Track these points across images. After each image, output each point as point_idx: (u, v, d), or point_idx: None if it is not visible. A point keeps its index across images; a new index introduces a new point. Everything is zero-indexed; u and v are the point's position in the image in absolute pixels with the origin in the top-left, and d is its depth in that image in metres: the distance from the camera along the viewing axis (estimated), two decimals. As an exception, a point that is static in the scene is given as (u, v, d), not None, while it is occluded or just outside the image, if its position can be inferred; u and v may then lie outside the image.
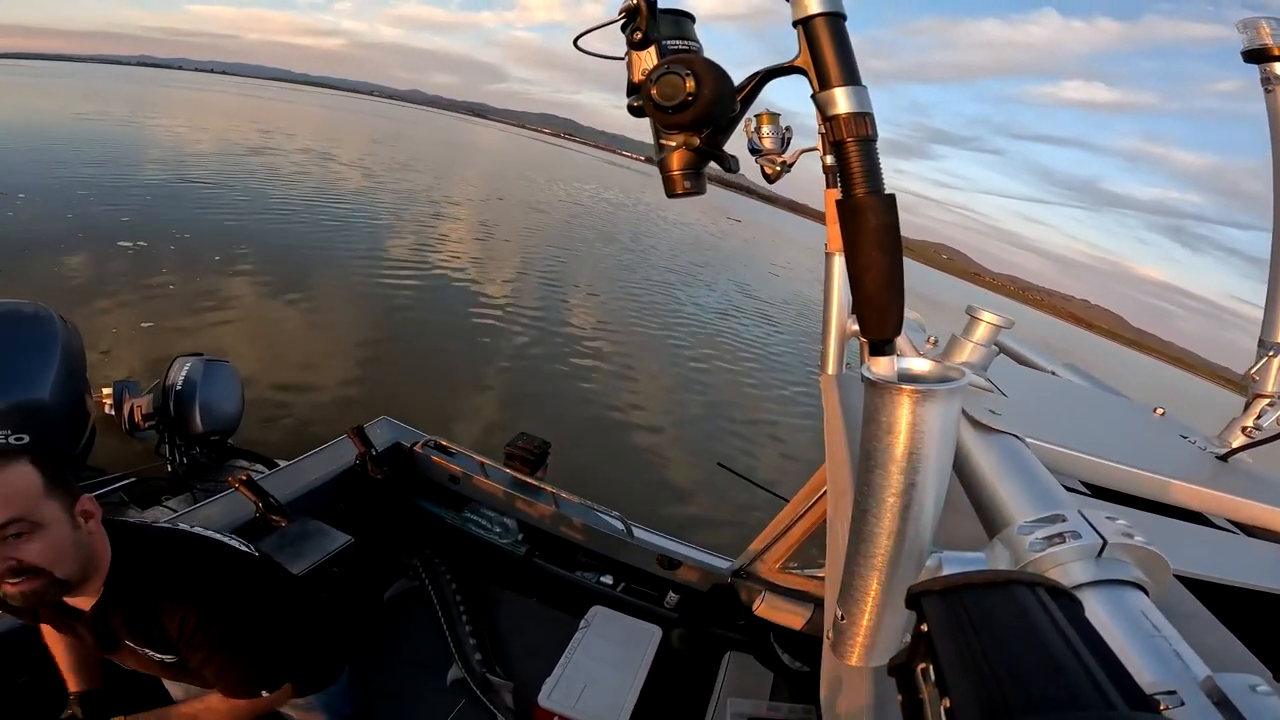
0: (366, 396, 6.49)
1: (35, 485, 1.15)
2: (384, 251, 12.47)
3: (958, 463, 0.76)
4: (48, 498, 1.17)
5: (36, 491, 1.15)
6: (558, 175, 49.79)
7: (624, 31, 0.67)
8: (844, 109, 0.55)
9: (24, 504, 1.12)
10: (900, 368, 0.52)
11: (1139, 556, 0.48)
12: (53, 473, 1.21)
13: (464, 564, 3.01)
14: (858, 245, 0.56)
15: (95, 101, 30.66)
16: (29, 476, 1.16)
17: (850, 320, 1.32)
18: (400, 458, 3.05)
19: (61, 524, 1.17)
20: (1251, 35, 1.16)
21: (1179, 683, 0.39)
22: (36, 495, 1.15)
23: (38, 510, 1.14)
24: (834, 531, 0.85)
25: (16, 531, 1.11)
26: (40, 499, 1.15)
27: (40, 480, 1.17)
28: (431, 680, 2.55)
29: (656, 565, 2.91)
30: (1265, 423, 1.19)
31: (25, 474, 1.15)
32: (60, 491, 1.20)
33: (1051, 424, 1.05)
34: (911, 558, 0.51)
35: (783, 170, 1.02)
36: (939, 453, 0.48)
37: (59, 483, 1.21)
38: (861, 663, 0.55)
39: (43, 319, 2.61)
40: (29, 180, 11.83)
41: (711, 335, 12.84)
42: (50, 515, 1.16)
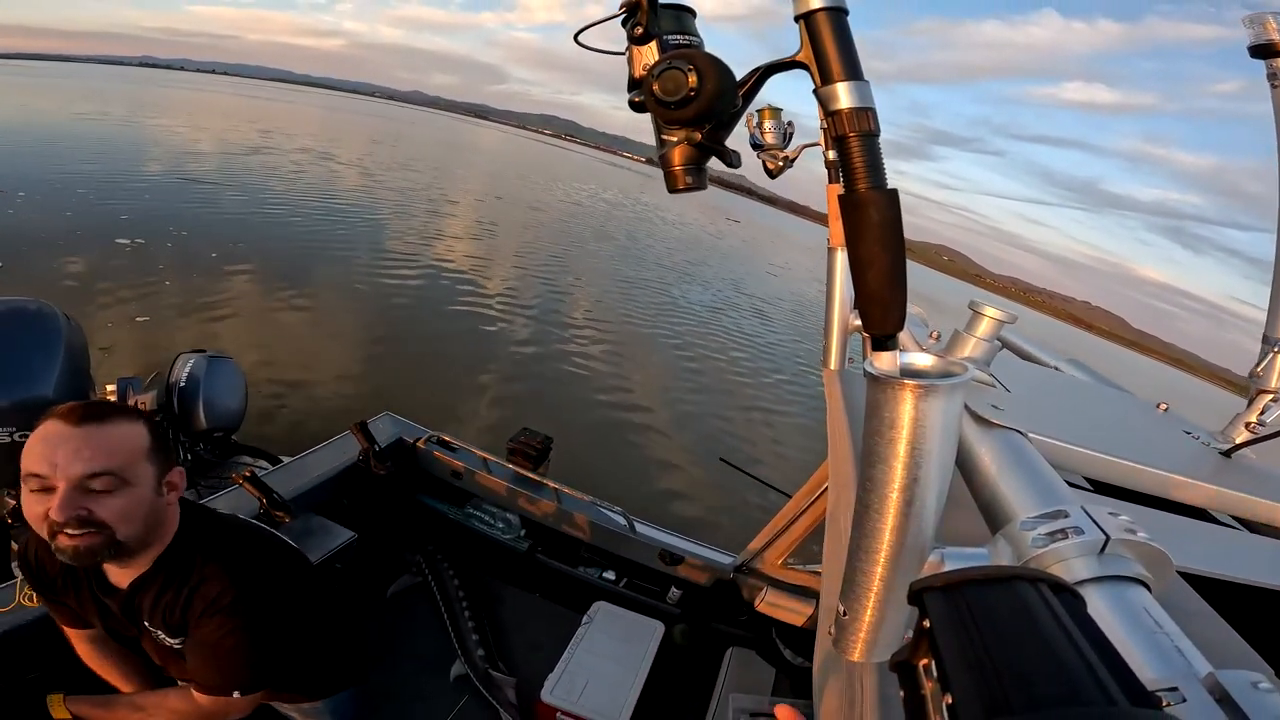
0: (369, 392, 6.51)
1: (140, 445, 1.15)
2: (386, 249, 12.50)
3: (960, 458, 0.76)
4: (146, 460, 1.16)
5: (139, 451, 1.15)
6: (559, 176, 49.85)
7: (625, 27, 0.67)
8: (846, 104, 0.55)
9: (122, 459, 1.11)
10: (903, 363, 0.51)
11: (1142, 552, 0.48)
12: (161, 439, 1.20)
13: (467, 560, 3.02)
14: (860, 240, 0.56)
15: (97, 102, 30.82)
16: (138, 435, 1.15)
17: (853, 315, 1.32)
18: (403, 453, 3.05)
19: (147, 488, 1.16)
20: (1258, 30, 1.16)
21: (1181, 679, 0.39)
22: (137, 454, 1.14)
23: (132, 469, 1.13)
24: (836, 527, 0.85)
25: (103, 486, 1.09)
26: (139, 459, 1.14)
27: (147, 442, 1.17)
28: (434, 676, 2.56)
29: (659, 561, 2.91)
30: (1269, 418, 1.18)
31: (136, 432, 1.15)
32: (159, 457, 1.19)
33: (1054, 419, 1.05)
34: (914, 553, 0.51)
35: (785, 165, 1.02)
36: (941, 448, 0.48)
37: (161, 449, 1.20)
38: (863, 658, 0.55)
39: (46, 316, 2.61)
40: (29, 179, 11.88)
41: (712, 332, 12.85)
42: (141, 476, 1.14)
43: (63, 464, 1.06)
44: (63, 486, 1.06)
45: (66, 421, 1.09)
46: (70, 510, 1.06)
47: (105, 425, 1.11)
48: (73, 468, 1.06)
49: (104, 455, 1.09)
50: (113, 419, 1.14)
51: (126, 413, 1.17)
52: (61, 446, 1.07)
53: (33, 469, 1.07)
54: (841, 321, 1.33)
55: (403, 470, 3.01)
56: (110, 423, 1.12)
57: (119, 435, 1.12)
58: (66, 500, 1.06)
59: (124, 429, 1.14)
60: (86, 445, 1.08)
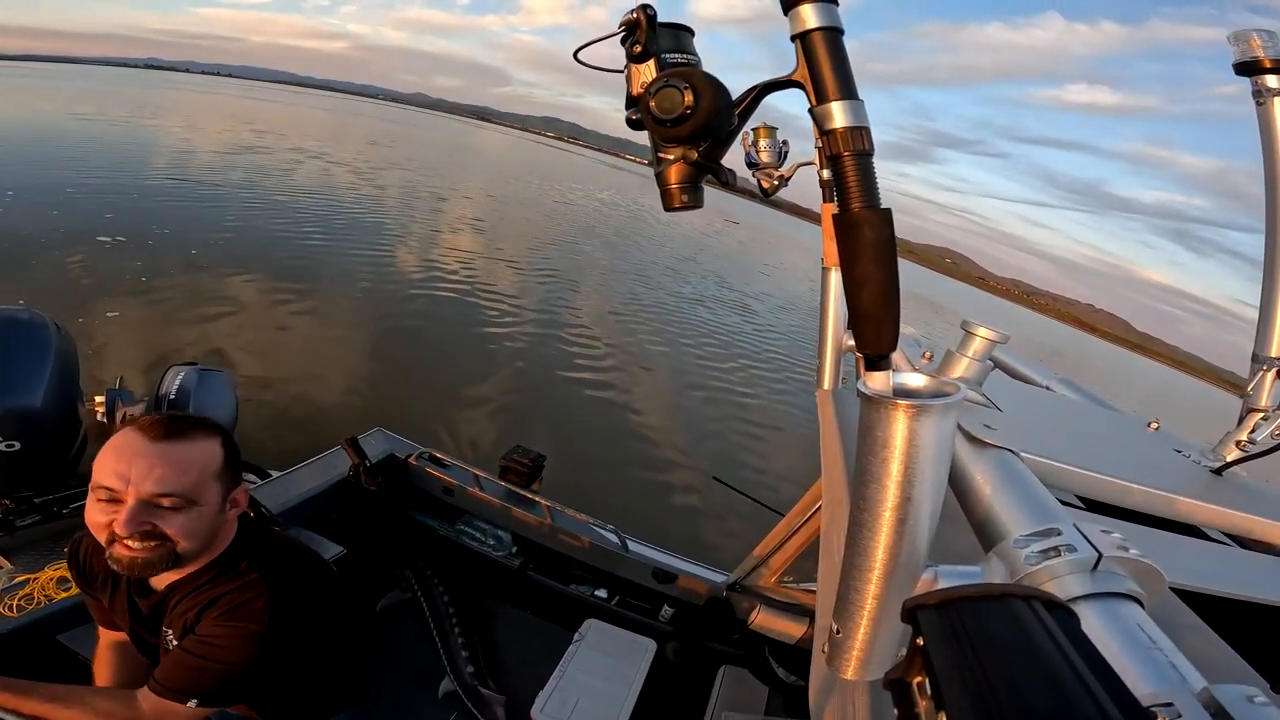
0: (360, 408, 6.48)
1: (214, 465, 1.14)
2: (379, 260, 12.49)
3: (953, 477, 0.77)
4: (216, 479, 1.15)
5: (211, 471, 1.13)
6: (560, 178, 50.10)
7: (623, 45, 0.67)
8: (840, 123, 0.56)
9: (193, 479, 1.10)
10: (896, 383, 0.52)
11: (1134, 569, 0.49)
12: (233, 457, 1.20)
13: (457, 576, 3.00)
14: (854, 260, 0.56)
15: (98, 103, 30.76)
16: (213, 454, 1.15)
17: (846, 335, 1.33)
18: (394, 469, 3.04)
19: (212, 506, 1.14)
20: (1243, 48, 1.18)
21: (1175, 694, 0.39)
22: (209, 474, 1.13)
23: (201, 489, 1.11)
24: (829, 545, 0.85)
25: (171, 504, 1.08)
26: (209, 479, 1.13)
27: (220, 461, 1.16)
28: (423, 693, 2.53)
29: (651, 578, 2.90)
30: (1259, 436, 1.19)
31: (210, 451, 1.14)
32: (229, 475, 1.18)
33: (1046, 438, 1.06)
34: (907, 571, 0.51)
35: (780, 184, 1.02)
36: (934, 467, 0.49)
37: (232, 467, 1.19)
38: (857, 676, 0.55)
39: (36, 325, 2.60)
40: (20, 179, 11.94)
41: (708, 348, 12.84)
42: (208, 495, 1.13)
43: (135, 479, 1.06)
44: (131, 501, 1.06)
45: (146, 436, 1.08)
46: (135, 525, 1.06)
47: (183, 443, 1.11)
48: (144, 485, 1.06)
49: (177, 475, 1.08)
50: (191, 436, 1.13)
51: (205, 429, 1.16)
52: (136, 461, 1.06)
53: (103, 481, 1.07)
54: (835, 341, 1.34)
55: (394, 486, 3.00)
56: (188, 440, 1.12)
57: (194, 454, 1.12)
58: (133, 515, 1.05)
59: (200, 448, 1.13)
60: (161, 463, 1.07)
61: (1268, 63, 1.16)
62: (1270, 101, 1.18)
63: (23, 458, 2.41)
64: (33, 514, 2.58)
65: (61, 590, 1.94)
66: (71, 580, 1.37)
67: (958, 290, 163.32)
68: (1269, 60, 1.16)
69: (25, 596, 1.90)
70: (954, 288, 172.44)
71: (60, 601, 1.90)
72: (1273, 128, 1.20)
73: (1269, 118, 1.19)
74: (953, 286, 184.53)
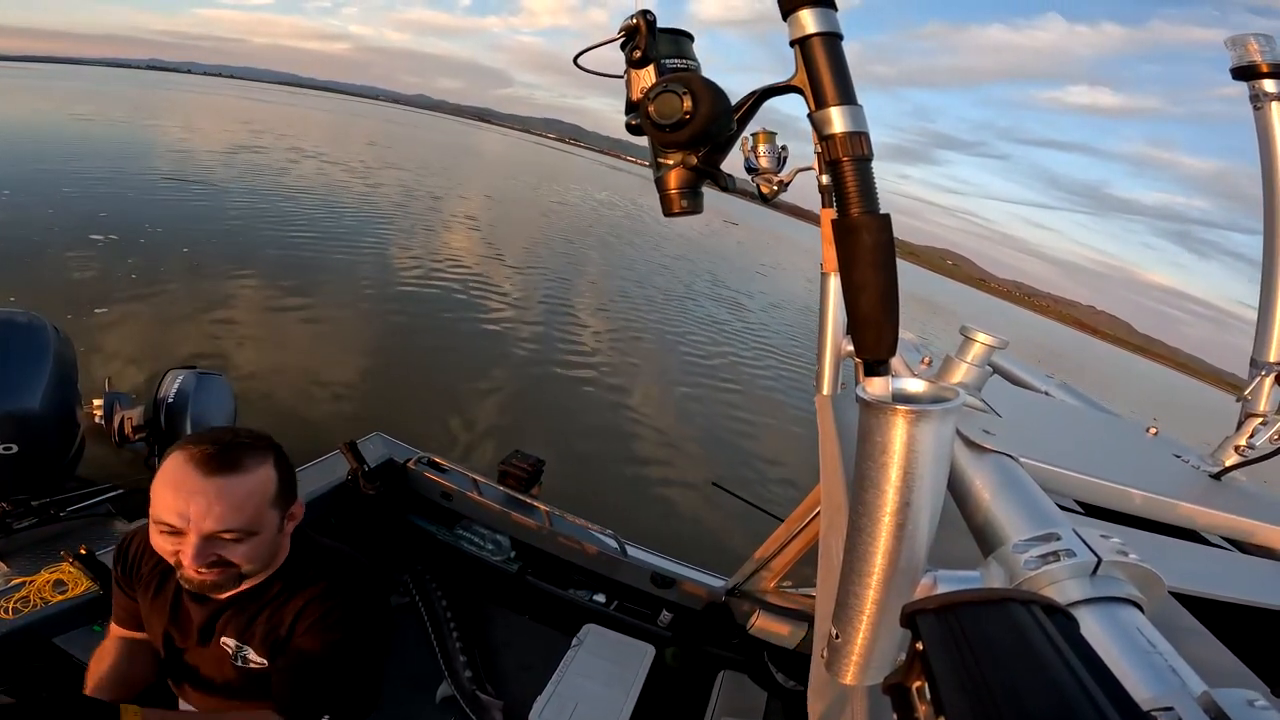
0: (359, 412, 6.47)
1: (270, 492, 1.13)
2: (378, 264, 12.48)
3: (952, 482, 0.77)
4: (273, 506, 1.14)
5: (268, 499, 1.13)
6: (560, 179, 50.15)
7: (623, 50, 0.68)
8: (839, 128, 0.56)
9: (253, 513, 1.10)
10: (895, 388, 0.52)
11: (1134, 573, 0.49)
12: (287, 478, 1.19)
13: (456, 581, 3.00)
14: (853, 265, 0.56)
15: (97, 103, 30.77)
16: (268, 482, 1.13)
17: (845, 341, 1.33)
18: (393, 474, 3.04)
19: (271, 530, 1.15)
20: (1240, 52, 1.18)
21: (1176, 698, 0.39)
22: (266, 503, 1.12)
23: (261, 519, 1.12)
24: (828, 550, 0.85)
25: (234, 538, 1.09)
26: (267, 507, 1.13)
27: (275, 488, 1.15)
28: (421, 697, 2.53)
29: (650, 583, 2.89)
30: (1258, 441, 1.19)
31: (266, 479, 1.13)
32: (285, 498, 1.18)
33: (1045, 443, 1.06)
34: (906, 576, 0.51)
35: (779, 189, 1.03)
36: (933, 472, 0.49)
37: (287, 490, 1.19)
38: (856, 681, 0.55)
39: (35, 328, 2.60)
40: (14, 178, 11.98)
41: (707, 353, 12.85)
42: (268, 522, 1.14)
43: (195, 519, 1.05)
44: (194, 538, 1.06)
45: (200, 470, 1.06)
46: (202, 560, 1.07)
47: (239, 476, 1.09)
48: (204, 523, 1.06)
49: (236, 512, 1.08)
50: (246, 467, 1.10)
51: (258, 453, 1.13)
52: (193, 500, 1.05)
53: (163, 518, 1.06)
54: (834, 346, 1.34)
55: (392, 490, 3.00)
56: (243, 472, 1.09)
57: (251, 485, 1.10)
58: (199, 551, 1.06)
59: (256, 477, 1.11)
60: (219, 501, 1.06)
61: (1265, 67, 1.16)
62: (1268, 106, 1.18)
63: (20, 460, 2.41)
64: (29, 517, 2.58)
65: (57, 593, 1.93)
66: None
67: (958, 292, 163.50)
68: (1266, 65, 1.16)
69: (21, 599, 1.89)
70: (954, 289, 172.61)
71: (56, 604, 1.90)
72: (1270, 132, 1.20)
73: (1266, 122, 1.20)
74: (953, 288, 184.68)
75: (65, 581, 1.97)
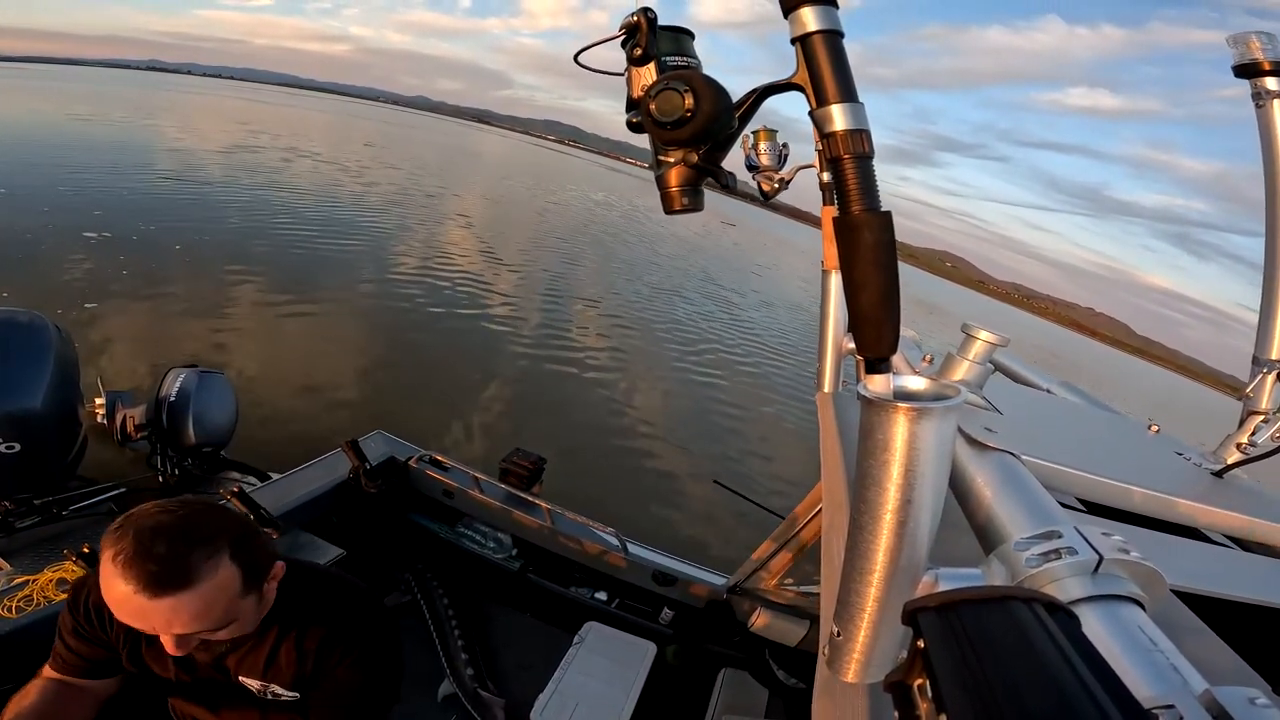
0: (360, 410, 6.48)
1: (234, 589, 1.02)
2: (380, 263, 12.49)
3: (954, 480, 0.77)
4: (243, 596, 1.05)
5: (234, 594, 1.03)
6: (560, 181, 50.14)
7: (624, 48, 0.68)
8: (841, 126, 0.56)
9: (221, 614, 1.02)
10: (896, 385, 0.52)
11: (1135, 572, 0.48)
12: (250, 558, 1.06)
13: (457, 579, 3.00)
14: (854, 263, 0.56)
15: (96, 104, 30.79)
16: (229, 583, 1.01)
17: (846, 338, 1.33)
18: (394, 472, 3.04)
19: (251, 610, 1.09)
20: (1242, 50, 1.18)
21: (1177, 697, 0.39)
22: (234, 598, 1.03)
23: (234, 610, 1.04)
24: (829, 548, 0.85)
25: (212, 631, 1.03)
26: (237, 600, 1.03)
27: (239, 581, 1.03)
28: (423, 696, 2.53)
29: (651, 581, 2.89)
30: (1260, 439, 1.19)
31: (225, 581, 1.01)
32: (255, 580, 1.08)
33: (1047, 441, 1.06)
34: (908, 574, 0.51)
35: (780, 187, 1.02)
36: (935, 470, 0.48)
37: (253, 570, 1.07)
38: (858, 679, 0.55)
39: (36, 327, 2.61)
40: (11, 177, 12.04)
41: (708, 351, 12.85)
42: (245, 608, 1.06)
43: (160, 627, 0.98)
44: (167, 638, 1.00)
45: (145, 594, 0.94)
46: (185, 649, 1.03)
47: (192, 590, 0.96)
48: (173, 629, 0.99)
49: (201, 619, 0.99)
50: (197, 579, 0.97)
51: (209, 553, 0.99)
52: (149, 619, 0.97)
53: (128, 621, 0.98)
54: (835, 344, 1.34)
55: (394, 488, 3.00)
56: (196, 585, 0.97)
57: (210, 596, 0.99)
58: (179, 644, 1.02)
59: (212, 586, 0.99)
60: (178, 617, 0.97)
61: (1267, 65, 1.16)
62: (1270, 104, 1.18)
63: (22, 459, 2.42)
64: (32, 515, 2.59)
65: (61, 592, 1.94)
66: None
67: (957, 294, 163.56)
68: (1268, 63, 1.16)
69: (24, 598, 1.90)
70: (953, 291, 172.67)
71: (59, 603, 1.90)
72: (1272, 130, 1.20)
73: (1268, 120, 1.19)
74: (952, 290, 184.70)
75: (68, 580, 1.97)
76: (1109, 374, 63.81)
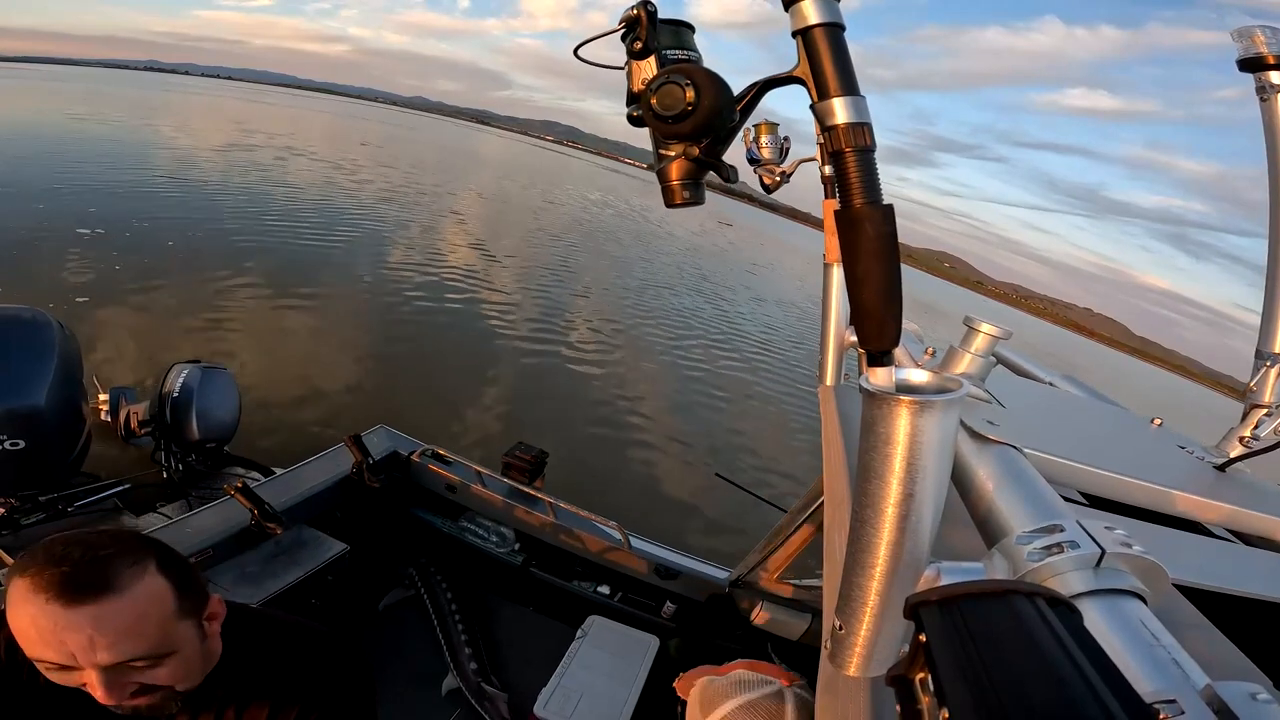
0: (363, 405, 6.49)
1: (168, 607, 0.89)
2: (382, 260, 12.51)
3: (956, 473, 0.76)
4: (180, 617, 0.91)
5: (169, 613, 0.89)
6: (558, 181, 50.13)
7: (624, 41, 0.67)
8: (842, 119, 0.55)
9: (156, 634, 0.87)
10: (898, 379, 0.52)
11: (1137, 566, 0.48)
12: (182, 576, 0.93)
13: (460, 573, 3.01)
14: (856, 256, 0.56)
15: (94, 104, 30.78)
16: (161, 595, 0.88)
17: (848, 331, 1.33)
18: (397, 466, 3.05)
19: (192, 644, 0.93)
20: (1246, 44, 1.17)
21: (1178, 691, 0.39)
22: (169, 617, 0.89)
23: (171, 638, 0.89)
24: (831, 542, 0.85)
25: (144, 664, 0.87)
26: (173, 621, 0.89)
27: (173, 598, 0.90)
28: (427, 690, 2.54)
29: (654, 575, 2.90)
30: (1262, 433, 1.19)
31: (155, 594, 0.87)
32: (191, 603, 0.94)
33: (1049, 435, 1.05)
34: (910, 568, 0.51)
35: (781, 180, 1.02)
36: (937, 463, 0.48)
37: (189, 591, 0.94)
38: (860, 673, 0.55)
39: (40, 324, 2.61)
40: (18, 175, 12.14)
41: (710, 347, 12.85)
42: (183, 637, 0.91)
43: (81, 654, 0.81)
44: (95, 675, 0.83)
45: (57, 601, 0.79)
46: (121, 693, 0.86)
47: (115, 597, 0.82)
48: (98, 657, 0.82)
49: (133, 640, 0.84)
50: (119, 584, 0.83)
51: (130, 562, 0.86)
52: (66, 637, 0.80)
53: (43, 657, 0.82)
54: (837, 337, 1.34)
55: (396, 483, 3.00)
56: (119, 592, 0.83)
57: (139, 608, 0.84)
58: (110, 686, 0.84)
59: (140, 595, 0.85)
60: (100, 633, 0.81)
61: (1271, 59, 1.15)
62: (1274, 97, 1.17)
63: (27, 456, 2.43)
64: (37, 512, 2.60)
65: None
66: None
67: (956, 294, 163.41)
68: (1273, 56, 1.15)
69: (30, 594, 1.90)
70: (952, 292, 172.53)
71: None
72: (1276, 123, 1.19)
73: (1273, 113, 1.19)
74: (951, 290, 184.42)
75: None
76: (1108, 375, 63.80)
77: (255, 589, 2.20)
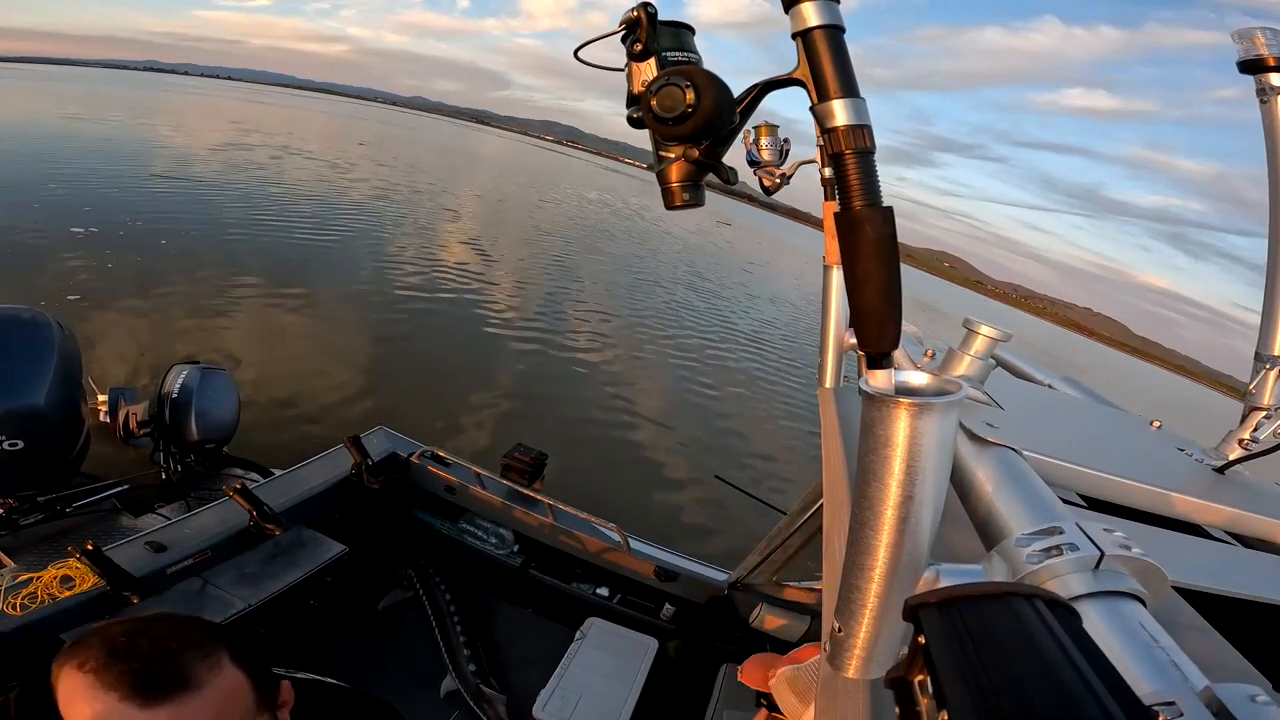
0: (362, 406, 6.49)
1: (247, 700, 0.81)
2: (382, 261, 12.50)
3: (955, 475, 0.76)
4: (258, 712, 0.82)
5: (248, 708, 0.81)
6: (557, 180, 50.17)
7: (624, 43, 0.67)
8: (842, 121, 0.55)
9: None
10: (898, 381, 0.52)
11: (1136, 568, 0.48)
12: (255, 669, 0.84)
13: (459, 575, 3.00)
14: (855, 258, 0.56)
15: (93, 104, 30.78)
16: (239, 690, 0.80)
17: (848, 333, 1.33)
18: (396, 468, 3.04)
19: None
20: (1247, 45, 1.17)
21: (1177, 693, 0.39)
22: (249, 713, 0.81)
23: None
24: (831, 544, 0.85)
25: None
26: (252, 716, 0.81)
27: (250, 690, 0.81)
28: (425, 691, 2.54)
29: (653, 577, 2.90)
30: (1261, 435, 1.19)
31: (234, 687, 0.79)
32: (268, 695, 0.85)
33: (1048, 437, 1.05)
34: (909, 570, 0.51)
35: (781, 182, 1.02)
36: (936, 465, 0.48)
37: (265, 682, 0.85)
38: (859, 675, 0.55)
39: (40, 325, 2.61)
40: (16, 175, 12.16)
41: (710, 348, 12.84)
42: None
43: None
44: None
45: (130, 702, 0.70)
46: None
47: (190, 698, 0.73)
48: None
49: None
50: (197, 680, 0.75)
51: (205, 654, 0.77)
52: None
53: None
54: (836, 339, 1.33)
55: (395, 485, 3.00)
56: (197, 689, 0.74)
57: (216, 707, 0.76)
58: None
59: (216, 693, 0.76)
60: None
61: (1272, 60, 1.15)
62: (1274, 99, 1.17)
63: (27, 457, 2.42)
64: (36, 513, 2.59)
65: (65, 589, 1.94)
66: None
67: (955, 294, 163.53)
68: (1273, 58, 1.15)
69: (29, 595, 1.90)
70: (952, 292, 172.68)
71: (63, 600, 1.90)
72: (1276, 125, 1.19)
73: (1273, 115, 1.19)
74: (950, 290, 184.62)
75: (72, 577, 1.97)
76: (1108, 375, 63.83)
77: (254, 590, 2.20)
